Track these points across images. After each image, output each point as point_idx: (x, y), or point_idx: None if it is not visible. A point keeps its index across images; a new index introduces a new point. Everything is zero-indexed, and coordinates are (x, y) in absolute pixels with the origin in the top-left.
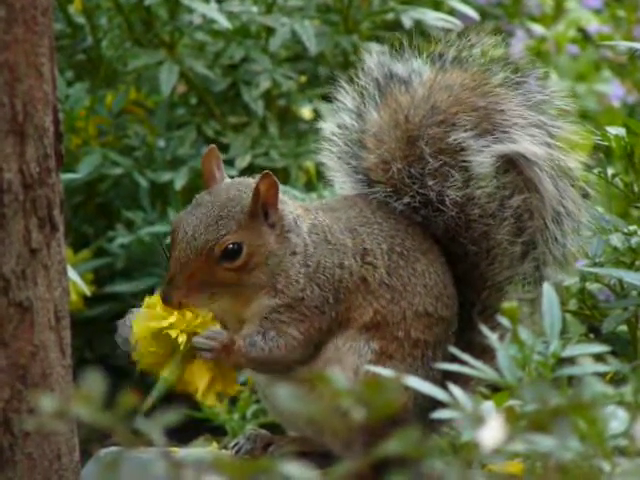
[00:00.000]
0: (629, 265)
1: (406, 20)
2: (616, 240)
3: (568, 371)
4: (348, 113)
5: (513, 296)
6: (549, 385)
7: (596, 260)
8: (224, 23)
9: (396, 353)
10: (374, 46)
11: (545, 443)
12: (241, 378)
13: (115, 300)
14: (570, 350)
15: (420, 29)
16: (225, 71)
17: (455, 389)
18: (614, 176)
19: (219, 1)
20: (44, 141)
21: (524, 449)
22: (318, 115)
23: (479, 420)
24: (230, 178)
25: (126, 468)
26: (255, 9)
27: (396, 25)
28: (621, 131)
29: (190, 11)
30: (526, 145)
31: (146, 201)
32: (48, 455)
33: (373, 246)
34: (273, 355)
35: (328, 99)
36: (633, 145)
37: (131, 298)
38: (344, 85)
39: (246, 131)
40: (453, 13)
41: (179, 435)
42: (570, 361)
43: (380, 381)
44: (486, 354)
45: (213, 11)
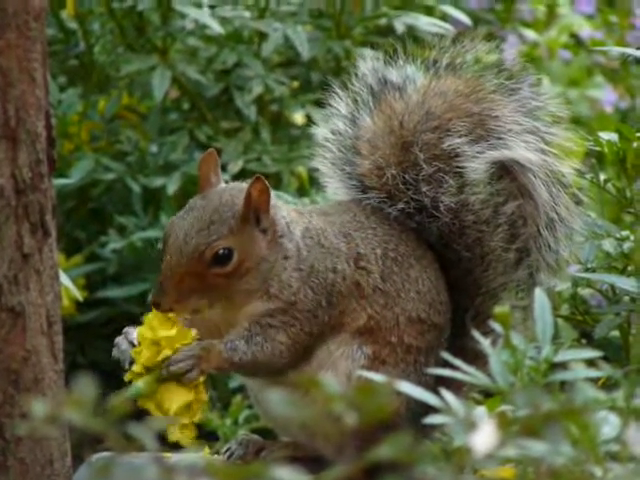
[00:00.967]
0: (621, 270)
1: (399, 25)
2: (608, 245)
3: (560, 376)
4: (342, 119)
5: (506, 302)
6: (541, 390)
7: (588, 265)
8: (216, 28)
9: (389, 358)
10: (367, 52)
11: (537, 448)
12: (234, 383)
13: (107, 305)
14: (562, 355)
15: (412, 34)
16: (217, 76)
17: (447, 394)
18: (606, 181)
19: (211, 6)
20: (36, 146)
21: (516, 454)
22: (310, 121)
23: (471, 425)
24: (233, 183)
25: (118, 473)
26: (248, 14)
27: (388, 30)
28: (613, 137)
29: (182, 16)
30: (520, 151)
31: (138, 206)
32: (40, 460)
33: (367, 251)
34: (257, 360)
35: (321, 105)
36: (625, 150)
37: (123, 303)
38: (337, 91)
39: (238, 136)
40: (445, 18)
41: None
42: (562, 366)
43: (373, 386)
44: (479, 360)
45: (205, 16)
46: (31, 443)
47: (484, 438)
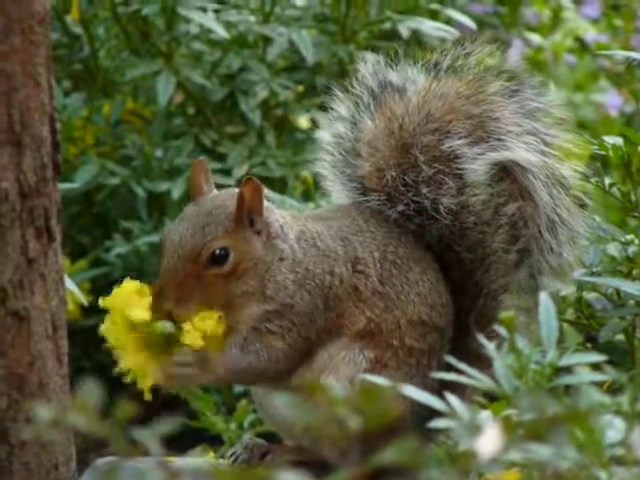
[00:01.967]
0: (626, 274)
1: (403, 30)
2: (613, 249)
3: (565, 380)
4: (342, 122)
5: (509, 305)
6: (546, 394)
7: (593, 269)
8: (221, 33)
9: (391, 361)
10: (369, 55)
11: (542, 452)
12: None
13: None
14: (567, 359)
15: (417, 39)
16: (222, 81)
17: (452, 398)
18: (611, 186)
19: (216, 11)
20: (41, 151)
21: (521, 458)
22: (315, 125)
23: (476, 429)
24: (226, 189)
25: (123, 478)
26: (252, 19)
27: (393, 35)
28: (618, 141)
29: (187, 21)
30: (520, 153)
31: (143, 211)
32: (45, 465)
33: (365, 254)
34: (253, 367)
35: (325, 109)
36: (630, 154)
37: None
38: (339, 94)
39: (243, 141)
40: (450, 23)
41: (176, 444)
42: (567, 370)
43: (376, 390)
44: (482, 361)
45: (210, 21)
46: (36, 448)
47: (489, 442)
